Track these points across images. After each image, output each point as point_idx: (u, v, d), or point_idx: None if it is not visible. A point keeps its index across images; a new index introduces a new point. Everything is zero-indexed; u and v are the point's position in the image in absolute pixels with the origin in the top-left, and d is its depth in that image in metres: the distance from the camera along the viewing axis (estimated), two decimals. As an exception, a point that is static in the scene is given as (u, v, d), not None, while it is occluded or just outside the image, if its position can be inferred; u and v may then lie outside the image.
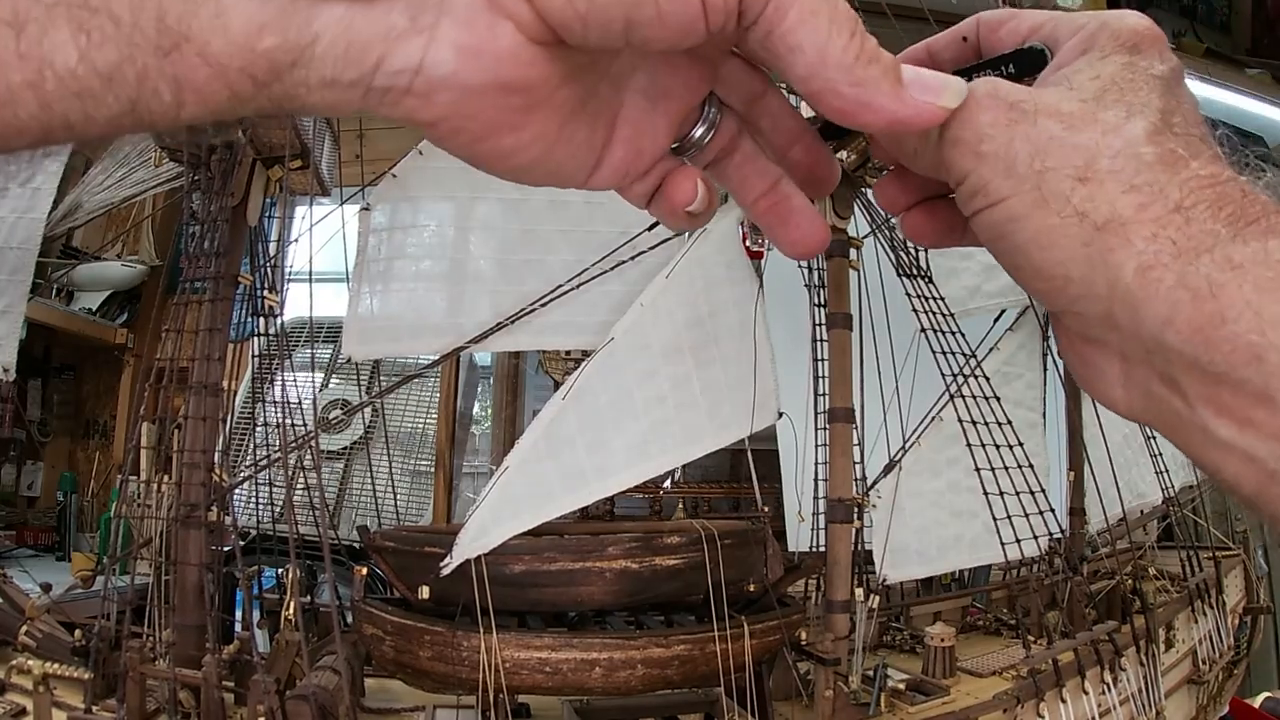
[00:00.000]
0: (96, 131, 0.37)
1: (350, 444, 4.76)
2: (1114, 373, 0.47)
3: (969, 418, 3.01)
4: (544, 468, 2.25)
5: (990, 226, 0.47)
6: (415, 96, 0.38)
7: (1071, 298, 0.45)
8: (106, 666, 2.44)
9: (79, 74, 0.35)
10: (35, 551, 5.00)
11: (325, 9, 0.36)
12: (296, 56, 0.37)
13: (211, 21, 0.35)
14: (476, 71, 0.38)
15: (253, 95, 0.37)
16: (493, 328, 2.54)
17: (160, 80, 0.36)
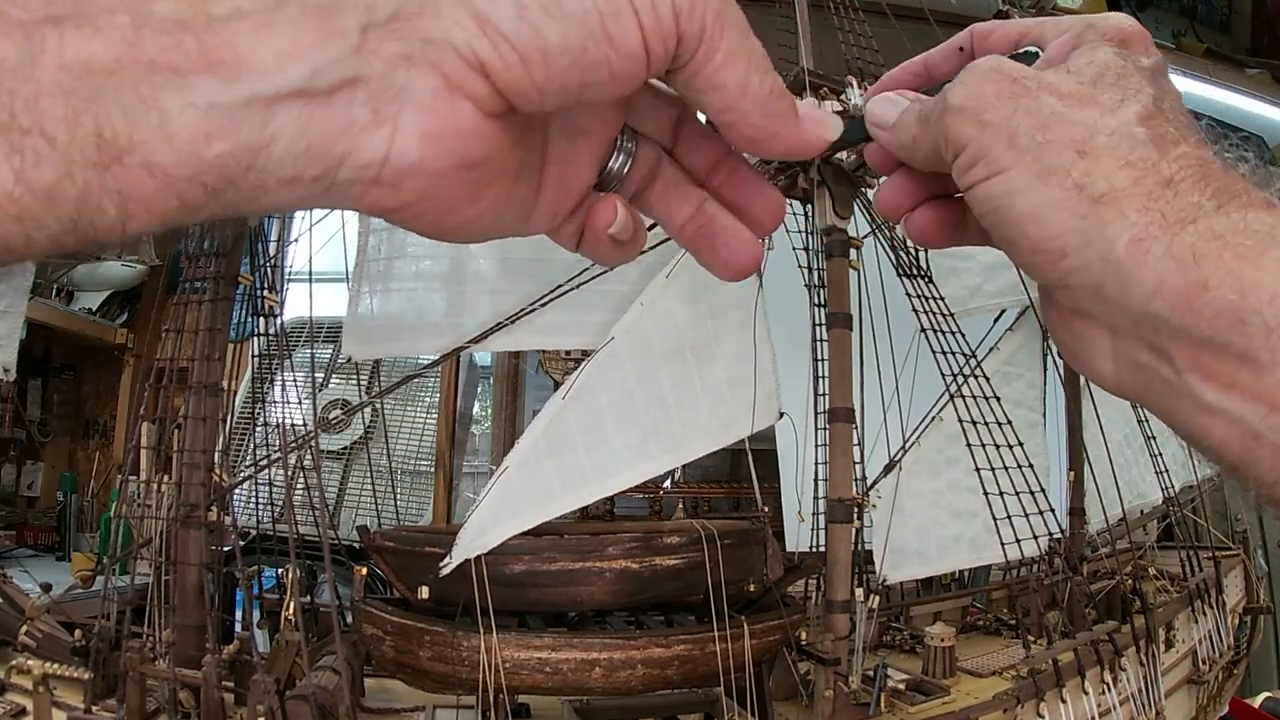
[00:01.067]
0: (39, 252, 0.35)
1: (350, 444, 4.76)
2: (1103, 346, 0.49)
3: (969, 418, 3.01)
4: (544, 467, 2.25)
5: (988, 198, 0.48)
6: (383, 186, 0.38)
7: (1064, 271, 0.47)
8: (106, 666, 2.45)
9: (15, 196, 0.33)
10: (35, 551, 5.01)
11: (280, 109, 0.35)
12: (251, 160, 0.35)
13: (155, 131, 0.34)
14: (442, 155, 0.38)
15: (205, 202, 0.36)
16: (493, 328, 2.53)
17: (103, 196, 0.34)
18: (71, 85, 0.33)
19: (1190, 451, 4.41)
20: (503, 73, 0.37)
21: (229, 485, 2.74)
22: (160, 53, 0.33)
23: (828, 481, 2.82)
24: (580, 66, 0.39)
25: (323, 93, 0.35)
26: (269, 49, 0.35)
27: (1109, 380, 0.50)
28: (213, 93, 0.34)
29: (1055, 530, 3.12)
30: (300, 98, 0.35)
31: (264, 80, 0.34)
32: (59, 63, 0.32)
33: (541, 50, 0.37)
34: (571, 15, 0.37)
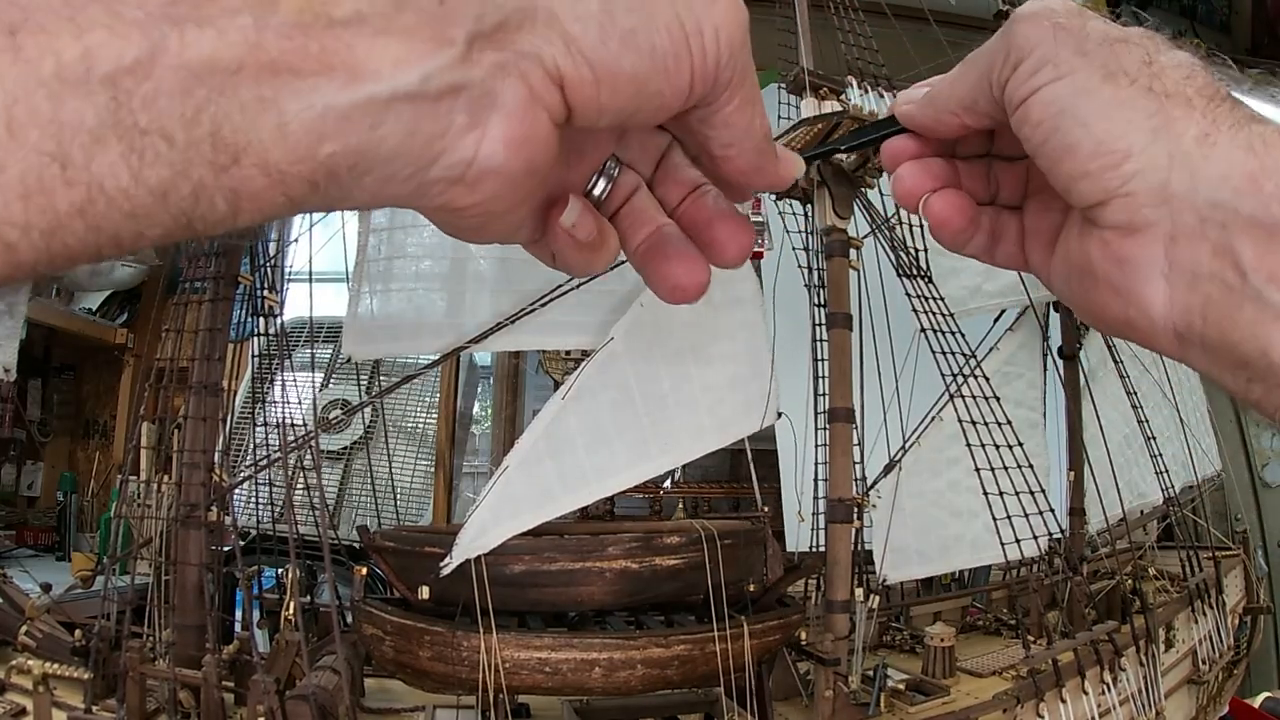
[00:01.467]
0: (147, 244, 0.36)
1: (350, 444, 4.76)
2: (1155, 265, 0.47)
3: (969, 418, 3.01)
4: (544, 468, 2.25)
5: (1053, 100, 0.48)
6: (463, 185, 0.40)
7: (1126, 175, 0.46)
8: (106, 666, 2.45)
9: (131, 194, 0.33)
10: (35, 551, 5.01)
11: (390, 112, 0.36)
12: (357, 160, 0.37)
13: (271, 131, 0.35)
14: (520, 159, 0.40)
15: (307, 197, 0.37)
16: (493, 328, 2.53)
17: (216, 192, 0.35)
18: (191, 85, 0.33)
19: (1190, 452, 4.42)
20: (577, 89, 0.40)
21: (229, 485, 2.74)
22: (281, 55, 0.34)
23: (828, 481, 2.82)
24: (640, 95, 0.42)
25: (430, 98, 0.37)
26: (385, 54, 0.36)
27: (1159, 306, 0.48)
28: (330, 95, 0.35)
29: (1055, 530, 3.12)
30: (410, 102, 0.37)
31: (379, 84, 0.36)
32: (179, 62, 0.33)
33: (614, 75, 0.40)
34: (644, 49, 0.41)
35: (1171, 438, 4.34)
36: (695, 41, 0.42)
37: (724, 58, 0.44)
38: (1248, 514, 5.31)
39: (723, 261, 0.53)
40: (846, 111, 2.72)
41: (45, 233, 0.32)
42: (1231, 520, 5.03)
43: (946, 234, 0.58)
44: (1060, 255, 0.56)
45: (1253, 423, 5.81)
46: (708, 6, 0.43)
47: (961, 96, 0.53)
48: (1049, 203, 0.58)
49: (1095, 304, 0.51)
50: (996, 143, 0.60)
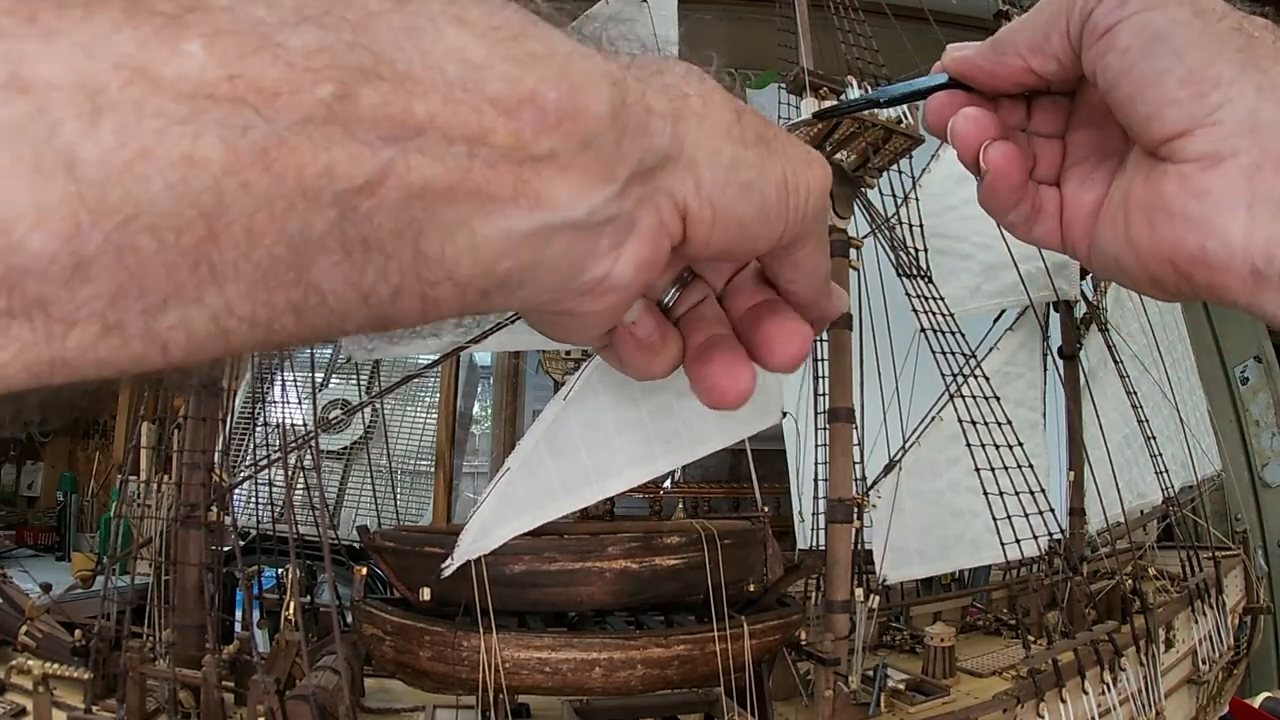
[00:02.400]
0: (338, 336, 0.39)
1: (350, 444, 4.77)
2: (1240, 194, 0.47)
3: (969, 418, 3.01)
4: (545, 468, 2.25)
5: (1146, 25, 0.49)
6: (591, 296, 0.44)
7: (1214, 104, 0.47)
8: (106, 666, 2.45)
9: (343, 295, 0.36)
10: (35, 551, 5.01)
11: (557, 238, 0.40)
12: (523, 275, 0.41)
13: (463, 250, 0.38)
14: (641, 280, 0.45)
15: (474, 304, 0.41)
16: (492, 327, 2.53)
17: (410, 301, 0.39)
18: (408, 205, 0.36)
19: (1190, 452, 4.42)
20: (696, 225, 0.45)
21: (229, 485, 2.74)
22: (485, 183, 0.38)
23: (828, 481, 2.82)
24: (742, 239, 0.47)
25: (590, 226, 0.41)
26: (565, 188, 0.40)
27: (1239, 241, 0.48)
28: (516, 220, 0.39)
29: (1055, 530, 3.12)
30: (573, 229, 0.41)
31: (555, 214, 0.40)
32: (402, 185, 0.36)
33: (727, 218, 0.45)
34: (755, 201, 0.46)
35: (1171, 437, 4.34)
36: (794, 198, 0.47)
37: (811, 214, 0.49)
38: (1248, 514, 5.31)
39: (770, 363, 0.55)
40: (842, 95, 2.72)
41: (261, 326, 0.36)
42: (1231, 520, 5.03)
43: (1003, 187, 0.58)
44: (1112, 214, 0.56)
45: (1253, 423, 5.82)
46: (806, 169, 0.48)
47: (1031, 35, 0.54)
48: (1090, 173, 0.59)
49: (1165, 240, 0.51)
50: (1034, 117, 0.61)
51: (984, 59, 0.57)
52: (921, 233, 3.25)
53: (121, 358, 0.33)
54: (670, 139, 0.43)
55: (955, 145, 0.58)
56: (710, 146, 0.45)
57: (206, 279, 0.33)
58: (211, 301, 0.34)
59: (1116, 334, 4.14)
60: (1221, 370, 5.81)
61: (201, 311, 0.34)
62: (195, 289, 0.33)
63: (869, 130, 2.77)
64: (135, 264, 0.32)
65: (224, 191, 0.32)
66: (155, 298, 0.33)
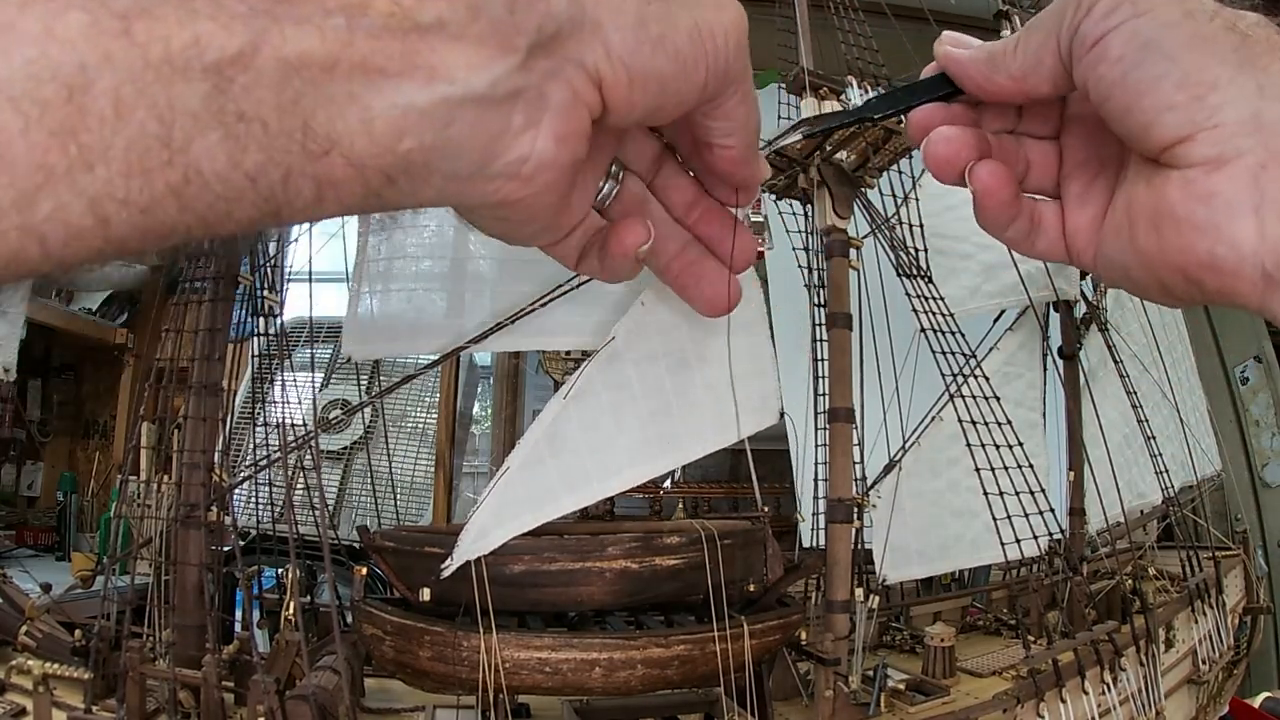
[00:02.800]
0: (231, 229, 0.37)
1: (350, 444, 4.76)
2: (1247, 196, 0.45)
3: (969, 418, 3.01)
4: (545, 468, 2.25)
5: (1136, 33, 0.47)
6: (519, 180, 0.44)
7: (1214, 106, 0.45)
8: (106, 666, 2.45)
9: (226, 177, 0.35)
10: (35, 551, 5.00)
11: (460, 114, 0.39)
12: (429, 156, 0.40)
13: (357, 126, 0.37)
14: (568, 153, 0.44)
15: (382, 190, 0.40)
16: (493, 328, 2.53)
17: (303, 180, 0.37)
18: (288, 77, 0.35)
19: (1190, 452, 4.42)
20: (613, 90, 0.44)
21: (229, 485, 2.74)
22: (371, 55, 0.37)
23: (828, 481, 2.82)
24: (664, 93, 0.46)
25: (495, 101, 0.40)
26: (459, 59, 0.39)
27: (1249, 243, 0.46)
28: (411, 94, 0.38)
29: (1055, 530, 3.12)
30: (477, 104, 0.40)
31: (453, 86, 0.39)
32: (278, 56, 0.35)
33: (645, 77, 0.45)
34: (669, 53, 0.45)
35: (1171, 437, 4.34)
36: (709, 44, 0.47)
37: (731, 57, 0.48)
38: (1248, 514, 5.31)
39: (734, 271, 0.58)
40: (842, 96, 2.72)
41: (142, 210, 0.34)
42: (1231, 520, 5.03)
43: (993, 204, 0.56)
44: (1117, 223, 0.54)
45: (1253, 422, 5.81)
46: (718, 13, 0.47)
47: (1024, 61, 0.52)
48: (1091, 181, 0.56)
49: (1174, 248, 0.49)
50: (1025, 119, 0.59)
51: (977, 70, 0.55)
52: (921, 233, 3.25)
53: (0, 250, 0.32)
54: (569, 3, 0.41)
55: (929, 166, 0.57)
56: (612, 5, 0.43)
57: (78, 161, 0.32)
58: (86, 187, 0.32)
59: (1116, 334, 4.14)
60: (1221, 370, 5.81)
61: (77, 199, 0.32)
62: (67, 173, 0.32)
63: (869, 130, 2.77)
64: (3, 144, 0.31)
65: (86, 64, 0.31)
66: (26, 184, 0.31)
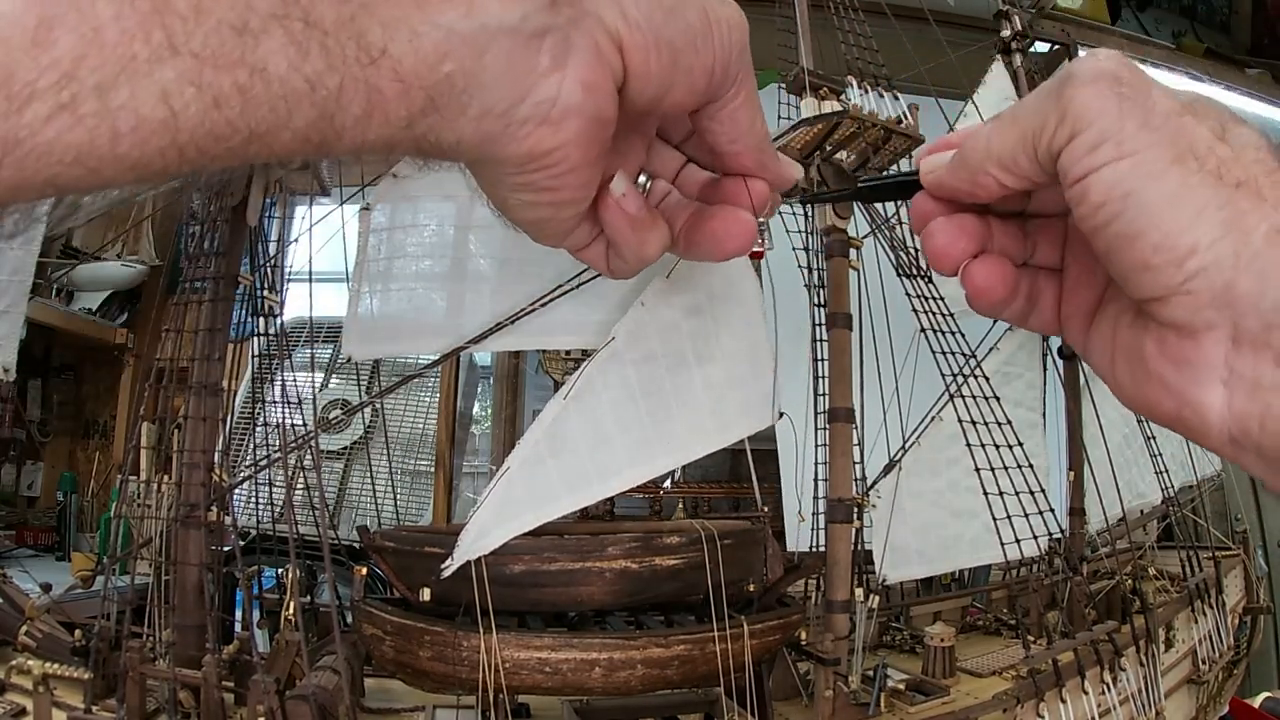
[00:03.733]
0: (285, 141, 0.39)
1: (350, 444, 4.76)
2: (1215, 369, 0.44)
3: (969, 418, 3.01)
4: (546, 468, 2.25)
5: (1117, 183, 0.44)
6: (549, 125, 0.45)
7: (1190, 272, 0.43)
8: (106, 666, 2.44)
9: (286, 80, 0.38)
10: (35, 551, 5.00)
11: (494, 44, 0.42)
12: (468, 83, 0.42)
13: (405, 44, 0.40)
14: (594, 103, 0.46)
15: (420, 118, 0.42)
16: (493, 328, 2.53)
17: (356, 92, 0.40)
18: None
19: (1190, 451, 4.42)
20: (632, 52, 0.46)
21: (229, 485, 2.74)
22: None
23: (828, 481, 2.82)
24: (676, 67, 0.48)
25: (525, 35, 0.43)
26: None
27: (1215, 413, 0.44)
28: (452, 20, 0.41)
29: (1055, 530, 3.12)
30: (510, 36, 0.43)
31: (489, 17, 0.42)
32: None
33: (659, 42, 0.47)
34: (680, 25, 0.47)
35: (1171, 437, 4.34)
36: (715, 29, 0.49)
37: (734, 50, 0.50)
38: (1248, 514, 5.30)
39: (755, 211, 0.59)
40: (846, 111, 2.72)
41: (207, 106, 0.36)
42: (1231, 520, 5.02)
43: (986, 303, 0.54)
44: (1102, 334, 0.52)
45: (1253, 423, 5.81)
46: (722, 5, 0.50)
47: (1000, 155, 0.50)
48: (1089, 269, 0.54)
49: (1145, 397, 0.49)
50: (1034, 199, 0.56)
51: (959, 180, 0.53)
52: (921, 233, 3.25)
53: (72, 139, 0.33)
54: None
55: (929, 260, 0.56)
56: None
57: (160, 48, 0.34)
58: (162, 75, 0.35)
59: (1116, 334, 4.13)
60: (1221, 370, 5.80)
61: (151, 86, 0.35)
62: (148, 61, 0.34)
63: (869, 130, 2.77)
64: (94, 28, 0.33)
65: None
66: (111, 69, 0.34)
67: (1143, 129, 0.44)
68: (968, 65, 3.80)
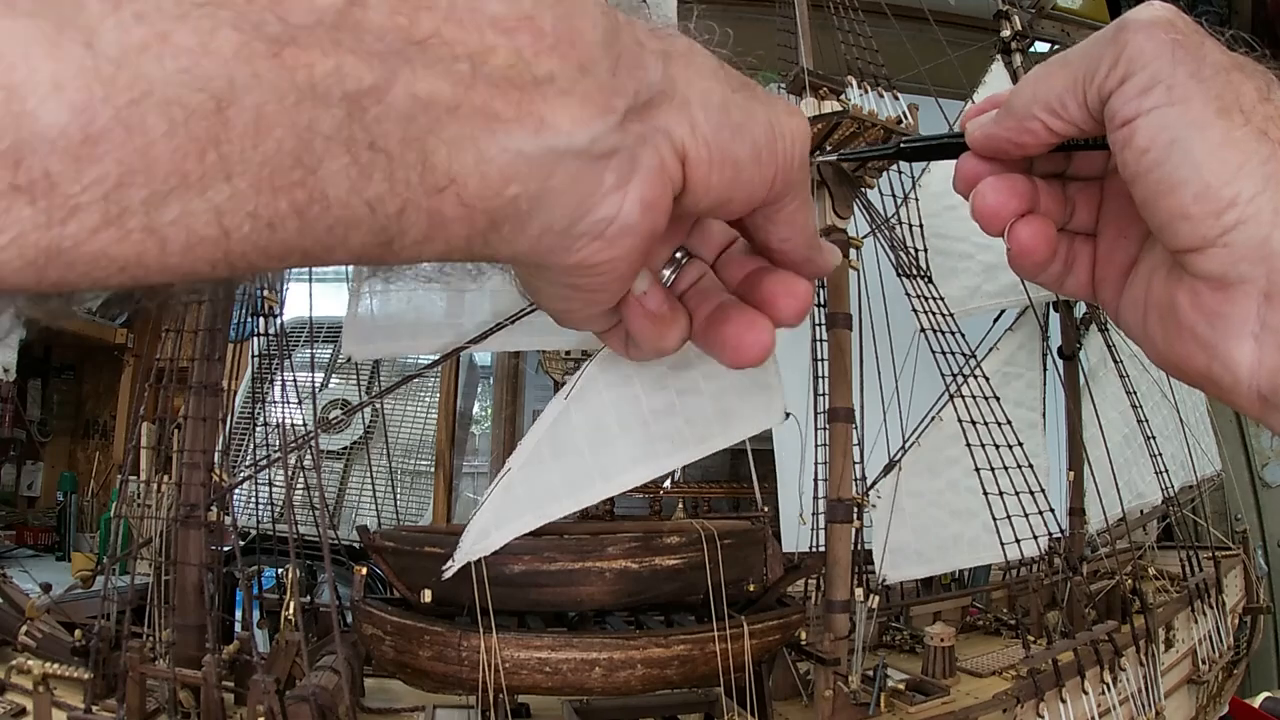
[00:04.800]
0: (340, 256, 0.38)
1: (350, 444, 4.76)
2: (1246, 323, 0.45)
3: (969, 418, 3.01)
4: (547, 468, 2.24)
5: (1165, 128, 0.45)
6: (603, 241, 0.45)
7: (1228, 224, 0.44)
8: (106, 666, 2.44)
9: (347, 203, 0.36)
10: (35, 551, 5.00)
11: (562, 166, 0.41)
12: (532, 206, 0.41)
13: (471, 167, 0.38)
14: (650, 221, 0.45)
15: (480, 237, 0.41)
16: (493, 328, 2.53)
17: (418, 217, 0.38)
18: (414, 115, 0.37)
19: (1190, 451, 4.42)
20: (695, 166, 0.46)
21: (229, 485, 2.74)
22: (490, 101, 0.38)
23: (827, 481, 2.82)
24: (737, 181, 0.48)
25: (593, 157, 0.42)
26: (566, 113, 0.41)
27: (1245, 368, 0.45)
28: (521, 142, 0.39)
29: (1055, 530, 3.12)
30: (578, 158, 0.41)
31: (558, 138, 0.40)
32: (408, 93, 0.36)
33: (723, 159, 0.46)
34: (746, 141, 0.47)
35: (1171, 437, 4.34)
36: (780, 143, 0.48)
37: (796, 160, 0.50)
38: (1248, 514, 5.31)
39: (779, 317, 0.57)
40: (846, 111, 2.72)
41: (266, 225, 0.35)
42: (1231, 520, 5.03)
43: (1029, 264, 0.56)
44: (1135, 293, 0.53)
45: (1253, 423, 5.81)
46: (790, 117, 0.50)
47: (1047, 98, 0.50)
48: (1125, 230, 0.55)
49: (1176, 353, 0.49)
50: (1074, 161, 0.57)
51: (1006, 129, 0.53)
52: (921, 233, 3.25)
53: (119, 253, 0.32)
54: (663, 75, 0.44)
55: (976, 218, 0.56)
56: (702, 86, 0.45)
57: (214, 169, 0.33)
58: (216, 195, 0.33)
59: (1116, 333, 4.13)
60: (1221, 370, 5.80)
61: (204, 206, 0.33)
62: (200, 180, 0.33)
63: (869, 130, 2.77)
64: (143, 145, 0.31)
65: (235, 79, 0.33)
66: (160, 186, 0.32)
67: (1193, 78, 0.44)
68: (968, 65, 3.79)
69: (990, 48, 3.93)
